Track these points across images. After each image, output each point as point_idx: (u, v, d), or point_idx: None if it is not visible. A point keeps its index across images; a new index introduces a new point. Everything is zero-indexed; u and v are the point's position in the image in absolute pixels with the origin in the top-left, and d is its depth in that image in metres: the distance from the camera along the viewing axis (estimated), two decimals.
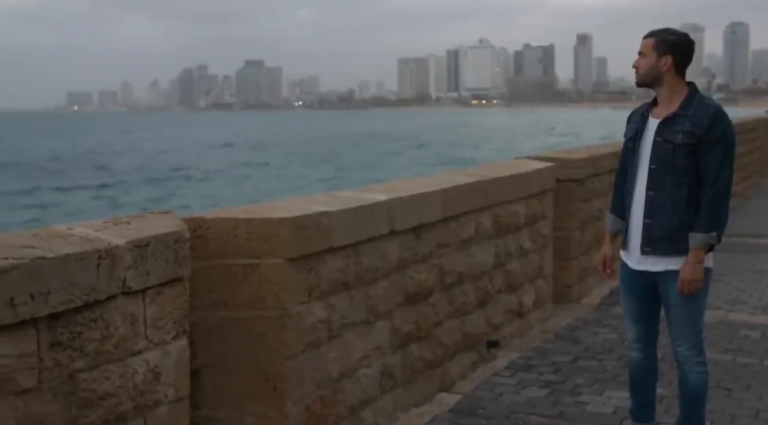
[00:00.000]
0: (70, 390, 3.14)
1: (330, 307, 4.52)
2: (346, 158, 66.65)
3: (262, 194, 36.78)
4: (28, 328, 2.96)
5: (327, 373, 4.52)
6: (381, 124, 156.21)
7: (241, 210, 4.37)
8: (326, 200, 4.78)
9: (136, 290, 3.39)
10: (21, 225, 28.63)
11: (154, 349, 3.51)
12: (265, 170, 56.70)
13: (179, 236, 3.60)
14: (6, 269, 2.86)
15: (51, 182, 50.34)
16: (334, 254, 4.51)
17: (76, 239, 3.27)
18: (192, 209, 32.45)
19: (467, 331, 6.05)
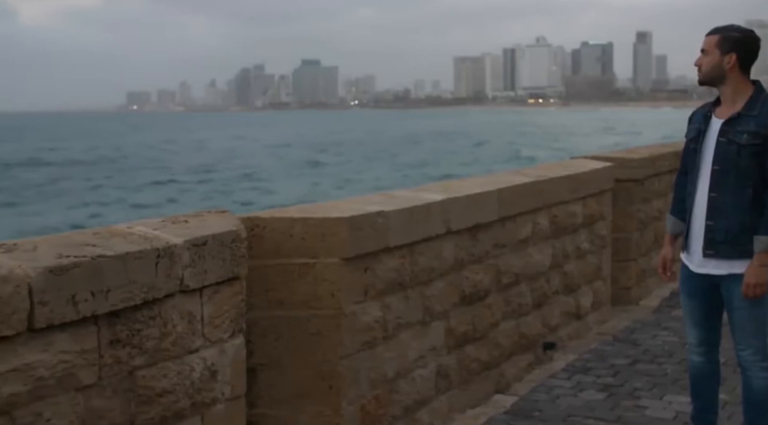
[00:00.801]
0: (129, 386, 3.18)
1: (385, 307, 4.52)
2: (407, 156, 66.28)
3: (322, 193, 36.79)
4: (88, 325, 3.01)
5: (382, 373, 4.51)
6: (437, 123, 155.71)
7: (298, 210, 4.39)
8: (382, 199, 4.78)
9: (193, 288, 3.42)
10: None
11: (211, 347, 3.54)
12: (324, 169, 56.56)
13: (236, 236, 3.63)
14: (68, 268, 2.91)
15: (121, 179, 51.12)
16: (389, 254, 4.50)
17: (136, 237, 3.31)
18: (250, 207, 32.79)
19: (523, 332, 5.99)
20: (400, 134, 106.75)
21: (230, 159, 65.08)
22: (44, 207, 38.84)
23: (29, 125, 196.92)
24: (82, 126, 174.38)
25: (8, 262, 2.83)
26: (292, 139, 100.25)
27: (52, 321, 2.87)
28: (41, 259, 2.91)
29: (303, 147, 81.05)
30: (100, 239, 3.23)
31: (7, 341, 2.74)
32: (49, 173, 55.38)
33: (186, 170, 56.40)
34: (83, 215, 35.03)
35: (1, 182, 49.40)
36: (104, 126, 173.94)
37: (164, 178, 50.61)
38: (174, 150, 78.27)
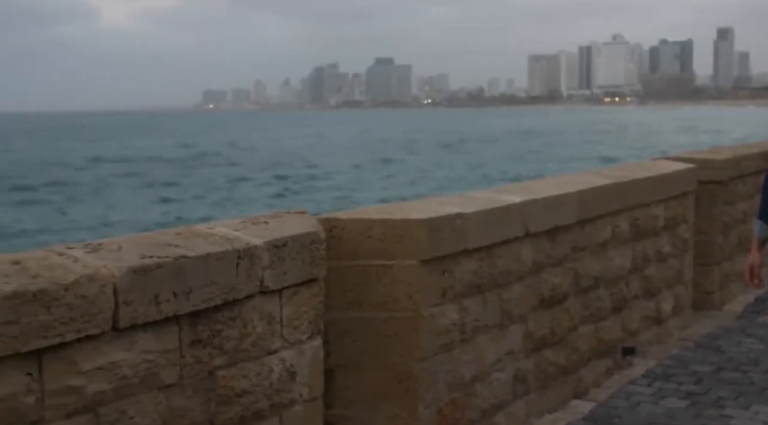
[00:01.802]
0: (210, 386, 3.20)
1: (463, 310, 4.47)
2: (485, 154, 65.64)
3: (399, 194, 36.53)
4: (170, 325, 3.04)
5: (459, 376, 4.47)
6: (513, 121, 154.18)
7: (376, 210, 4.37)
8: (460, 201, 4.73)
9: (273, 289, 3.43)
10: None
11: (289, 348, 3.54)
12: (402, 167, 56.18)
13: (315, 237, 3.63)
14: (151, 268, 2.95)
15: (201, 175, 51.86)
16: (468, 256, 4.46)
17: (217, 238, 3.34)
18: (325, 207, 32.93)
19: (602, 337, 5.87)
20: (476, 133, 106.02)
21: (309, 157, 65.06)
22: (133, 202, 39.73)
23: (108, 123, 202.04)
24: (162, 125, 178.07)
25: (94, 262, 2.88)
26: (372, 137, 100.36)
27: (136, 320, 2.90)
28: (125, 259, 2.95)
29: (383, 145, 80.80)
30: (182, 239, 3.26)
31: (92, 340, 2.78)
32: (133, 168, 56.60)
33: (266, 167, 56.72)
34: (177, 211, 35.59)
35: (90, 177, 50.70)
36: (183, 125, 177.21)
37: (246, 176, 50.98)
38: (256, 148, 78.51)
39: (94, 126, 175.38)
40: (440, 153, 67.16)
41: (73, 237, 25.05)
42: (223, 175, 52.18)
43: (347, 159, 63.09)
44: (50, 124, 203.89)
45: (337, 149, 78.62)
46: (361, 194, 39.16)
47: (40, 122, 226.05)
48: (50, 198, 41.26)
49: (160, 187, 45.88)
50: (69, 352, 2.73)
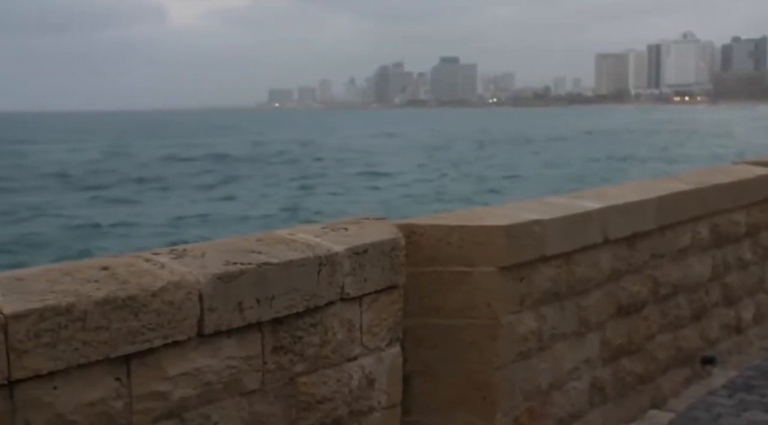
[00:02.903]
0: (291, 392, 3.21)
1: (541, 317, 4.41)
2: (550, 154, 64.54)
3: (475, 198, 35.70)
4: (253, 331, 3.06)
5: (536, 384, 4.41)
6: (582, 121, 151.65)
7: (454, 216, 4.33)
8: (538, 207, 4.66)
9: (353, 296, 3.43)
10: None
11: (369, 355, 3.54)
12: (475, 167, 55.35)
13: (395, 244, 3.62)
14: (235, 275, 2.97)
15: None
16: (546, 264, 4.39)
17: (298, 244, 3.34)
18: (389, 205, 32.74)
19: (681, 345, 5.74)
20: (545, 132, 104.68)
21: (387, 157, 64.45)
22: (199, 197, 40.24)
23: (176, 122, 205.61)
24: (235, 123, 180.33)
25: (180, 268, 2.91)
26: (443, 136, 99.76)
27: (220, 326, 2.93)
28: (210, 266, 2.97)
29: (458, 144, 79.93)
30: (265, 245, 3.28)
31: (178, 346, 2.81)
32: (198, 166, 57.32)
33: (340, 166, 56.63)
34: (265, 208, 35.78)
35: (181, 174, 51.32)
36: (256, 123, 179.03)
37: (311, 175, 50.88)
38: (326, 148, 78.42)
39: (167, 124, 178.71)
40: (526, 154, 65.10)
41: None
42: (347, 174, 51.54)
43: (418, 159, 62.24)
44: (120, 123, 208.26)
45: (417, 147, 77.68)
46: (448, 196, 37.71)
47: (110, 121, 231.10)
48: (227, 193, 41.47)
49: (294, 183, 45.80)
50: (156, 358, 2.77)
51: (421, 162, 58.23)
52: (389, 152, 69.99)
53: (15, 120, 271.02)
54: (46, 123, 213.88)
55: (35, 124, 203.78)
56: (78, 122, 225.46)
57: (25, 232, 29.29)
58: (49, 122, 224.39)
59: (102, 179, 49.28)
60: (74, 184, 47.01)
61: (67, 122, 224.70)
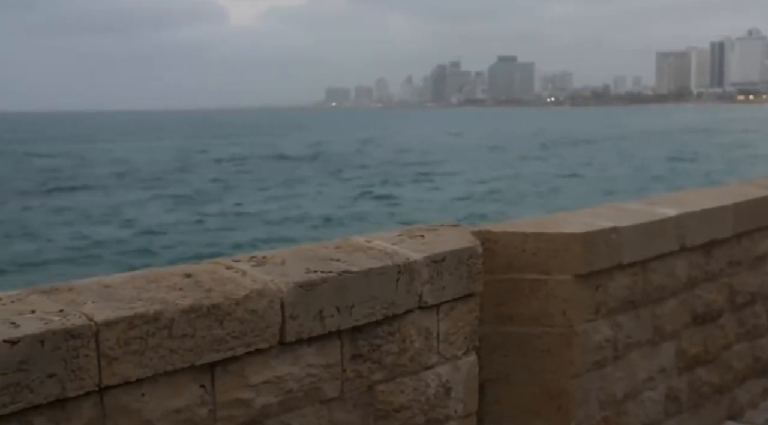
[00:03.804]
0: (369, 401, 3.21)
1: (616, 326, 4.34)
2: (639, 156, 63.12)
3: (553, 203, 34.72)
4: (333, 340, 3.06)
5: (611, 394, 4.34)
6: (644, 121, 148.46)
7: (529, 223, 4.29)
8: (613, 213, 4.59)
9: (431, 305, 3.41)
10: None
11: (445, 364, 3.51)
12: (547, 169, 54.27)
13: (473, 252, 3.59)
14: (316, 283, 2.97)
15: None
16: (622, 271, 4.32)
17: (376, 252, 3.33)
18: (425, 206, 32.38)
19: (758, 356, 5.60)
20: (608, 132, 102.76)
21: (455, 158, 63.79)
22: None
23: (236, 121, 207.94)
24: (293, 122, 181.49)
25: (262, 276, 2.92)
26: (504, 136, 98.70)
27: (301, 335, 2.93)
28: (291, 273, 2.98)
29: (523, 145, 78.92)
30: (343, 253, 3.28)
31: (261, 354, 2.83)
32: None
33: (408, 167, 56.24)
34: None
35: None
36: (320, 122, 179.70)
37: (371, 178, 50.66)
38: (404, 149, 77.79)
39: (230, 123, 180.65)
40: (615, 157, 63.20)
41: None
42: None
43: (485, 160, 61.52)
44: (179, 121, 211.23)
45: (484, 147, 76.87)
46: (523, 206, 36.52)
47: (170, 120, 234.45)
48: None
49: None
50: (239, 365, 2.78)
51: (489, 162, 57.71)
52: (461, 152, 69.42)
53: (81, 119, 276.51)
54: (108, 122, 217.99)
55: (99, 123, 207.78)
56: (142, 121, 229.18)
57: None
58: (113, 121, 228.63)
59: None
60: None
61: (134, 121, 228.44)
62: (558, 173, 49.18)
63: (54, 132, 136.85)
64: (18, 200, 39.01)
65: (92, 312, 2.46)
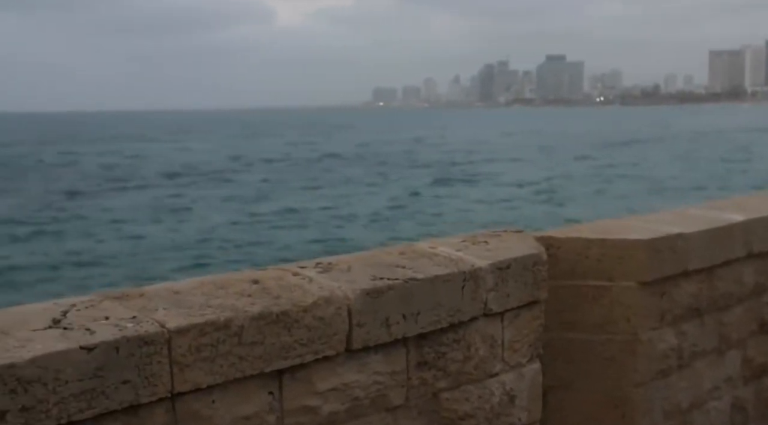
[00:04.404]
0: (434, 408, 3.19)
1: (681, 334, 4.26)
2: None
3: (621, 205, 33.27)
4: (399, 347, 3.05)
5: (676, 403, 4.27)
6: (707, 120, 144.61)
7: (592, 229, 4.23)
8: (677, 219, 4.51)
9: (496, 312, 3.38)
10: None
11: (510, 372, 3.48)
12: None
13: (538, 259, 3.55)
14: (383, 290, 2.96)
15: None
16: (687, 279, 4.25)
17: (441, 259, 3.31)
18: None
19: None
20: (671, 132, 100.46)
21: (505, 158, 62.85)
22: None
23: (283, 120, 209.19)
24: (339, 122, 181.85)
25: (328, 283, 2.91)
26: (553, 136, 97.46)
27: (368, 342, 2.92)
28: (358, 280, 2.97)
29: (583, 146, 77.72)
30: (408, 260, 3.26)
31: (328, 361, 2.82)
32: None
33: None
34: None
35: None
36: (364, 122, 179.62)
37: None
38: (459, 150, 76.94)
39: (276, 123, 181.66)
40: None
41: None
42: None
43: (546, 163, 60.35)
44: (232, 121, 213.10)
45: (537, 146, 75.87)
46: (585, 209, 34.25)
47: (220, 119, 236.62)
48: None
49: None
50: (306, 373, 2.78)
51: (539, 162, 56.97)
52: (511, 151, 68.75)
53: (134, 118, 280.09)
54: (159, 122, 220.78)
55: (150, 122, 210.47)
56: (193, 120, 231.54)
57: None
58: (165, 121, 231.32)
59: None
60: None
61: (185, 120, 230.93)
62: (608, 173, 48.55)
63: (110, 131, 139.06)
64: (80, 199, 39.67)
65: (164, 319, 2.48)
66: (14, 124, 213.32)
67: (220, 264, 22.32)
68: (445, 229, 26.17)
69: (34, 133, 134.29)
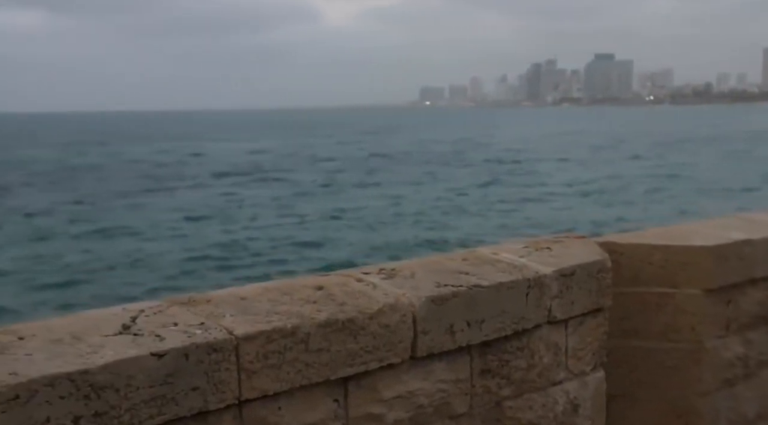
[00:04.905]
0: (497, 417, 3.16)
1: (747, 343, 4.17)
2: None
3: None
4: (463, 355, 3.02)
5: (742, 414, 4.18)
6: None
7: (656, 235, 4.15)
8: (743, 224, 4.41)
9: (560, 319, 3.34)
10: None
11: (573, 380, 3.43)
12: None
13: (602, 266, 3.50)
14: (447, 297, 2.94)
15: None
16: (754, 286, 4.15)
17: (505, 265, 3.28)
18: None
19: None
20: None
21: (556, 158, 61.34)
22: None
23: (330, 120, 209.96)
24: (386, 122, 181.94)
25: (393, 290, 2.90)
26: (604, 135, 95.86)
27: (432, 349, 2.90)
28: (422, 287, 2.95)
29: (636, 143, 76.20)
30: (472, 266, 3.23)
31: (393, 368, 2.81)
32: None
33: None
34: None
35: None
36: (414, 121, 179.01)
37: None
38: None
39: (324, 122, 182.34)
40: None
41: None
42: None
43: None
44: (280, 121, 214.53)
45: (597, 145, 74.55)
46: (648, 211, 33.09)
47: (268, 119, 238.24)
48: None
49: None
50: (371, 380, 2.77)
51: (591, 162, 56.09)
52: (562, 151, 67.84)
53: (183, 118, 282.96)
54: (208, 121, 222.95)
55: (199, 122, 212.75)
56: (241, 120, 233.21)
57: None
58: (214, 120, 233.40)
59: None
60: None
61: (233, 120, 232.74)
62: (659, 174, 47.79)
63: (160, 131, 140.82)
64: (137, 197, 40.14)
65: (232, 326, 2.48)
66: (70, 124, 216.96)
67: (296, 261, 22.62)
68: (498, 231, 26.04)
69: (91, 133, 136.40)
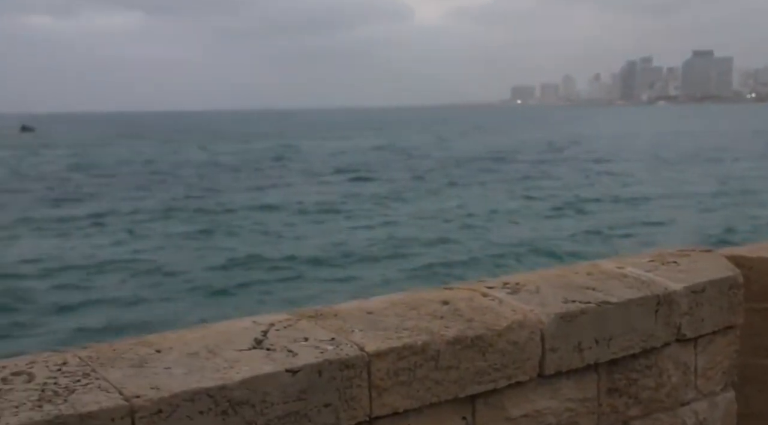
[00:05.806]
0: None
1: None
2: None
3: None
4: (590, 373, 2.94)
5: None
6: None
7: None
8: None
9: (689, 337, 3.22)
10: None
11: (702, 400, 3.31)
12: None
13: (734, 282, 3.36)
14: (575, 314, 2.86)
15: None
16: None
17: (632, 280, 3.18)
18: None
19: None
20: None
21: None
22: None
23: (422, 118, 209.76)
24: (478, 121, 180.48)
25: (520, 306, 2.84)
26: (713, 135, 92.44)
27: (560, 367, 2.83)
28: (549, 303, 2.89)
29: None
30: (598, 281, 3.15)
31: (520, 386, 2.75)
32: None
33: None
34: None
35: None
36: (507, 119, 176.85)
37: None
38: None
39: (415, 121, 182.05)
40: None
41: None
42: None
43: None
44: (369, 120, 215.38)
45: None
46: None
47: (363, 118, 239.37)
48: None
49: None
50: (499, 398, 2.72)
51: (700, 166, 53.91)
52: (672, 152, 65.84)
53: (280, 117, 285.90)
54: (305, 120, 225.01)
55: (296, 121, 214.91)
56: (338, 119, 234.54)
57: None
58: (311, 119, 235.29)
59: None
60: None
61: (330, 119, 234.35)
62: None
63: (263, 128, 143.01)
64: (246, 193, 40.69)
65: (362, 342, 2.46)
66: (176, 122, 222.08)
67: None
68: (611, 234, 25.46)
69: (212, 130, 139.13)
